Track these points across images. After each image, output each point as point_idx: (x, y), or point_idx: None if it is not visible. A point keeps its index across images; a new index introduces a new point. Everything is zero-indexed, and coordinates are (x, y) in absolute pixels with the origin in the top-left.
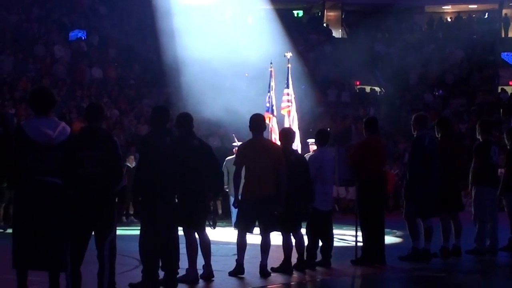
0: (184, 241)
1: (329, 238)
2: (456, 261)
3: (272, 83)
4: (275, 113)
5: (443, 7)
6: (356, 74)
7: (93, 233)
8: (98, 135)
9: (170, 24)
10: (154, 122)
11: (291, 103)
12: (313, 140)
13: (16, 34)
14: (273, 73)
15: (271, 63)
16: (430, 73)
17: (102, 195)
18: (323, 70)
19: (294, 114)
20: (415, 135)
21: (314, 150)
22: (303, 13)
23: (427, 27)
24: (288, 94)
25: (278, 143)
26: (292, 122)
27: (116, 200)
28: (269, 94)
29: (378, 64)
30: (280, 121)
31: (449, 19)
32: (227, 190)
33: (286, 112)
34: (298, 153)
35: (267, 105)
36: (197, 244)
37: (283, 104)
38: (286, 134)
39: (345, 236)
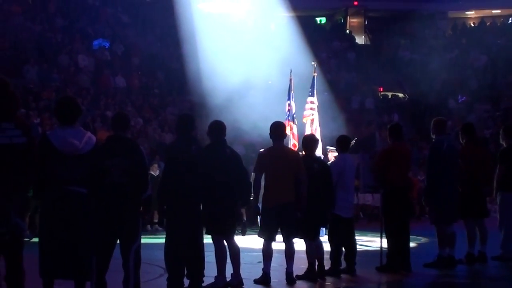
0: (212, 249)
1: (351, 245)
2: (482, 267)
3: (292, 91)
4: (295, 121)
5: (466, 13)
6: (380, 81)
7: (118, 241)
8: (124, 144)
9: (193, 32)
10: (179, 130)
11: (315, 111)
12: (332, 148)
13: (40, 44)
14: (292, 81)
15: (290, 71)
16: (454, 79)
17: (128, 204)
18: (346, 77)
19: (317, 123)
20: (433, 140)
21: (335, 157)
22: (326, 20)
23: (450, 33)
24: (312, 102)
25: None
26: (315, 131)
27: (141, 209)
28: (288, 102)
29: (401, 70)
30: (301, 129)
31: (472, 24)
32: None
33: (309, 120)
34: (321, 160)
35: (287, 112)
36: (226, 252)
37: (306, 112)
38: (309, 141)
39: (370, 243)
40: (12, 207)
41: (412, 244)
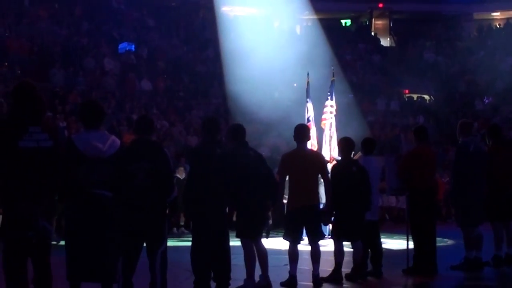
0: (239, 251)
1: (377, 248)
2: (509, 270)
3: (309, 94)
4: (313, 123)
5: (492, 14)
6: (405, 83)
7: (144, 244)
8: (149, 147)
9: (218, 35)
10: (204, 133)
11: (333, 115)
12: None
13: (67, 48)
14: (309, 84)
15: (307, 74)
16: (479, 81)
17: (154, 207)
18: (372, 79)
19: (334, 127)
20: (459, 142)
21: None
22: (351, 22)
23: (476, 34)
24: (332, 106)
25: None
26: (332, 135)
27: (167, 212)
28: (307, 104)
29: (427, 72)
30: (319, 133)
31: (498, 26)
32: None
33: (328, 124)
34: (359, 163)
35: (307, 115)
36: (255, 254)
37: (325, 116)
38: (346, 144)
39: (396, 245)
40: (39, 211)
41: (438, 246)
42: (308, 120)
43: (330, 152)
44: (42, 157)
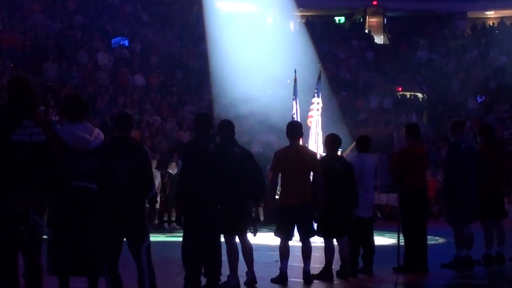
0: (225, 248)
1: (370, 245)
2: (500, 268)
3: (297, 92)
4: (298, 119)
5: (486, 13)
6: (398, 80)
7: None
8: (128, 144)
9: (211, 31)
10: (197, 129)
11: (319, 112)
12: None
13: (60, 42)
14: (297, 81)
15: (295, 72)
16: (473, 79)
17: (133, 203)
18: (365, 77)
19: (320, 125)
20: (451, 141)
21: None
22: (345, 20)
23: (469, 33)
24: (318, 103)
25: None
26: (319, 132)
27: (148, 207)
28: (294, 102)
29: (420, 70)
30: (306, 130)
31: (492, 25)
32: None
33: (314, 121)
34: (344, 159)
35: (293, 111)
36: (237, 251)
37: (312, 113)
38: (332, 140)
39: (387, 243)
40: (31, 205)
41: (429, 244)
42: (293, 118)
43: (317, 149)
44: (34, 151)
